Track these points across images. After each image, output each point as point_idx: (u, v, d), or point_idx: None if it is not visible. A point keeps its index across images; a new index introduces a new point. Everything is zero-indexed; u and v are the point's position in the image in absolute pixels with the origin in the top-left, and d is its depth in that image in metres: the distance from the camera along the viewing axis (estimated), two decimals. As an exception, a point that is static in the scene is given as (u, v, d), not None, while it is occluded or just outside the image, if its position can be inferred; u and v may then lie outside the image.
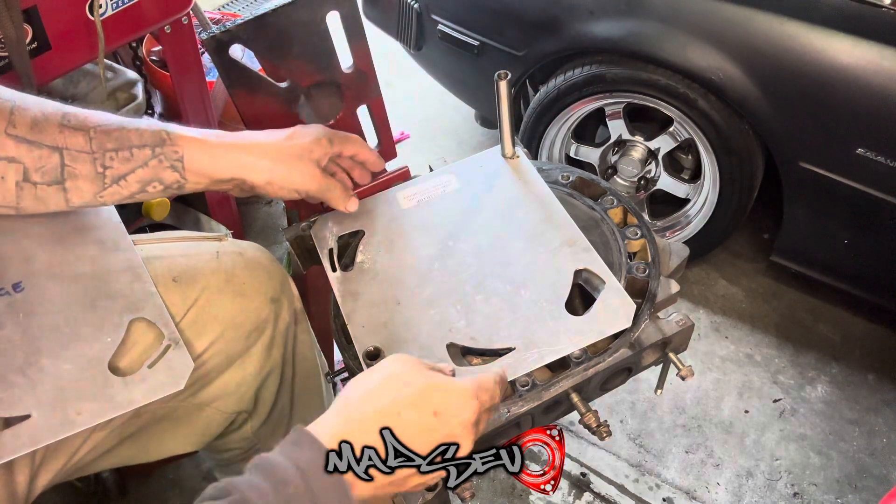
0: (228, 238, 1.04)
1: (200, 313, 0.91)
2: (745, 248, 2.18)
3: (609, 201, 0.99)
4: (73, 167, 0.73)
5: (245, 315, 0.96)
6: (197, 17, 1.70)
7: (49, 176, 0.73)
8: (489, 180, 1.01)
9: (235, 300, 0.95)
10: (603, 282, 0.85)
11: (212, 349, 0.92)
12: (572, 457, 1.68)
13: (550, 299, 0.85)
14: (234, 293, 0.95)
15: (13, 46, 1.21)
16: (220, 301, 0.93)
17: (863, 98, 1.47)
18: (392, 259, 0.92)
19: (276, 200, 2.40)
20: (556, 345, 0.80)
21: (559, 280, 0.87)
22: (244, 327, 0.96)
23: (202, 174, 0.79)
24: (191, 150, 0.78)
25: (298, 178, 0.84)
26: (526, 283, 0.87)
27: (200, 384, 0.94)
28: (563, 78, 1.84)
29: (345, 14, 0.95)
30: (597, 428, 0.79)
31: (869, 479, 1.65)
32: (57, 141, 0.72)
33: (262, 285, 0.99)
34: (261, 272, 0.99)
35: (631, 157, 1.98)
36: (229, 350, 0.95)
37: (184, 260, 0.94)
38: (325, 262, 0.93)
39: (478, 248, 0.92)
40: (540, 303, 0.84)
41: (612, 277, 0.86)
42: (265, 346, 1.00)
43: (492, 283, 0.87)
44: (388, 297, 0.87)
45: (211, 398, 0.96)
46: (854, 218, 1.64)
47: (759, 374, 1.86)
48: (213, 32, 0.89)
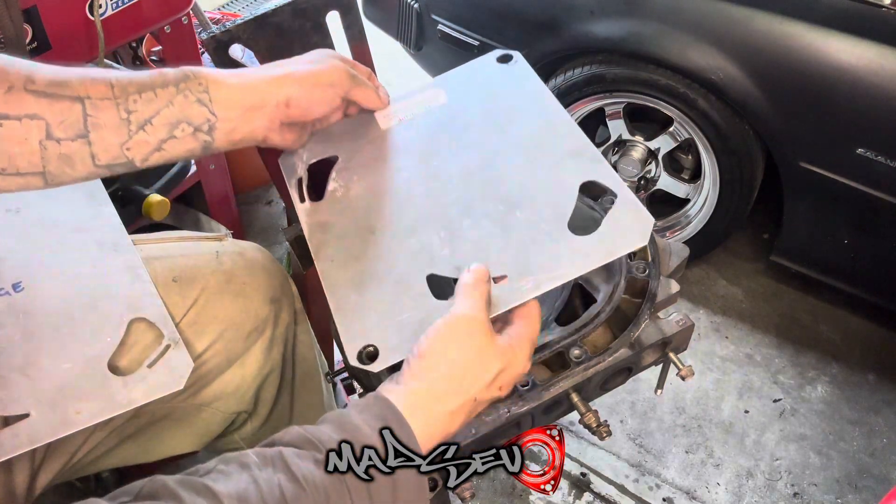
0: (228, 238, 1.04)
1: (200, 313, 0.90)
2: (745, 248, 2.18)
3: (609, 201, 0.98)
4: (95, 117, 0.69)
5: (245, 315, 0.96)
6: (197, 17, 1.71)
7: (72, 130, 0.68)
8: (482, 90, 0.90)
9: (236, 300, 0.95)
10: (614, 195, 0.77)
11: (212, 349, 0.92)
12: (572, 457, 1.68)
13: (550, 219, 0.74)
14: (235, 293, 0.95)
15: (13, 46, 1.21)
16: (220, 301, 0.93)
17: (863, 98, 1.47)
18: (367, 185, 0.82)
19: (276, 200, 2.40)
20: (555, 270, 0.71)
21: (562, 196, 0.76)
22: (244, 328, 0.96)
23: (231, 105, 0.73)
24: (216, 82, 0.73)
25: (324, 92, 0.79)
26: (522, 202, 0.76)
27: (200, 384, 0.93)
28: (563, 78, 1.84)
29: (345, 14, 0.95)
30: (597, 428, 0.79)
31: (869, 479, 1.65)
32: (78, 91, 0.68)
33: (263, 285, 0.99)
34: (261, 272, 0.99)
35: (631, 157, 1.98)
36: (229, 350, 0.95)
37: (184, 260, 0.94)
38: (293, 193, 0.83)
39: (466, 167, 0.81)
40: (538, 224, 0.74)
41: (626, 189, 0.77)
42: (265, 347, 1.00)
43: (482, 204, 0.77)
44: (362, 227, 0.78)
45: (211, 398, 0.96)
46: (854, 218, 1.64)
47: (759, 374, 1.86)
48: (213, 32, 0.89)
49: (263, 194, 2.42)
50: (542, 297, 0.89)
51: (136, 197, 1.66)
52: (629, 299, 0.88)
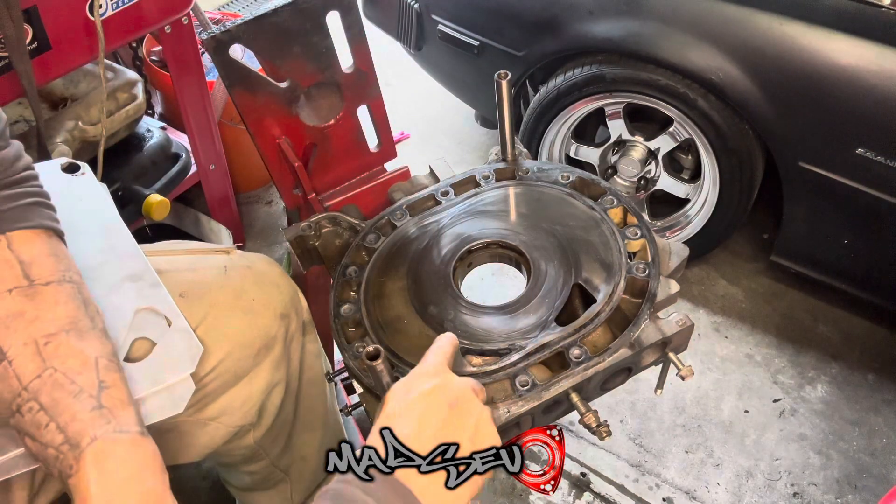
0: (236, 251, 1.02)
1: (209, 331, 0.89)
2: (745, 248, 2.18)
3: (609, 201, 0.99)
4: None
5: (254, 332, 0.94)
6: (197, 17, 1.71)
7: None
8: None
9: (244, 317, 0.93)
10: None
11: (219, 367, 0.90)
12: (572, 457, 1.68)
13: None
14: (244, 310, 0.93)
15: (13, 46, 1.21)
16: (228, 318, 0.91)
17: (863, 98, 1.47)
18: None
19: (276, 200, 2.40)
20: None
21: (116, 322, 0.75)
22: (253, 346, 0.94)
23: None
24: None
25: None
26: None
27: (206, 401, 0.92)
28: (563, 78, 1.84)
29: (345, 14, 0.95)
30: (597, 428, 0.79)
31: (869, 479, 1.65)
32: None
33: (272, 301, 0.97)
34: (270, 287, 0.98)
35: (631, 157, 1.98)
36: (237, 368, 0.93)
37: (191, 275, 0.92)
38: None
39: None
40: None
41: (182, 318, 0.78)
42: (274, 363, 0.98)
43: None
44: None
45: (216, 414, 0.95)
46: (854, 218, 1.64)
47: (759, 374, 1.86)
48: (213, 32, 0.89)
49: (263, 194, 2.42)
50: (541, 297, 0.89)
51: (136, 197, 1.66)
52: (629, 299, 0.88)
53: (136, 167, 1.76)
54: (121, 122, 1.67)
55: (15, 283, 0.66)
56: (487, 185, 1.05)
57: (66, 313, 0.67)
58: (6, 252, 0.67)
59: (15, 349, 0.64)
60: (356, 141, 1.09)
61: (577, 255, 0.92)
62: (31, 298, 0.66)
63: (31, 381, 0.63)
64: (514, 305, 0.89)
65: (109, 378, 0.66)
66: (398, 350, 0.85)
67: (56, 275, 0.68)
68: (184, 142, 1.90)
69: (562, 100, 1.87)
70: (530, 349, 0.82)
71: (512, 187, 1.04)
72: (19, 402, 0.63)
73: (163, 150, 1.83)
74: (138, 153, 1.79)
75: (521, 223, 0.99)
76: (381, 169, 1.16)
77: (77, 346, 0.66)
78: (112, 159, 1.69)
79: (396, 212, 1.02)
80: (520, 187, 1.04)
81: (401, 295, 0.92)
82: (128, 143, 1.79)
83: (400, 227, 1.00)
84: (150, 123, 1.90)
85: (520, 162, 1.07)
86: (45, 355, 0.64)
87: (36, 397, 0.63)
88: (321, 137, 1.05)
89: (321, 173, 1.08)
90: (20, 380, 0.63)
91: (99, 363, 0.66)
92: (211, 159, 1.87)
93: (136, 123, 1.77)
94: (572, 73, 1.82)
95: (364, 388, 0.86)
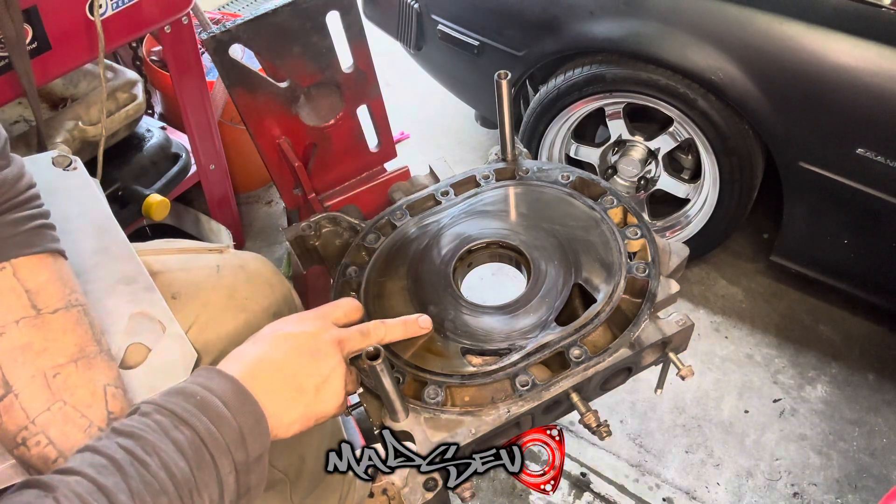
0: (230, 249, 1.02)
1: (202, 332, 0.88)
2: (745, 248, 2.18)
3: (609, 201, 0.99)
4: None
5: (248, 332, 0.94)
6: (197, 17, 1.71)
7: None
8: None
9: (238, 317, 0.93)
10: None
11: None
12: (572, 457, 1.68)
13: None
14: (237, 309, 0.93)
15: (13, 46, 1.21)
16: (222, 318, 0.91)
17: (863, 98, 1.47)
18: None
19: (276, 200, 2.40)
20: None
21: (111, 327, 0.75)
22: None
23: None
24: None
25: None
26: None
27: None
28: (563, 78, 1.84)
29: (345, 14, 0.95)
30: (597, 428, 0.79)
31: (869, 479, 1.65)
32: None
33: (266, 300, 0.97)
34: (263, 286, 0.98)
35: (631, 157, 1.98)
36: None
37: (183, 274, 0.92)
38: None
39: None
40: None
41: (175, 324, 0.78)
42: None
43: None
44: None
45: None
46: (854, 218, 1.64)
47: (759, 374, 1.86)
48: (213, 32, 0.89)
49: (263, 194, 2.42)
50: (541, 297, 0.89)
51: (136, 197, 1.66)
52: (629, 299, 0.88)
53: (135, 167, 1.76)
54: (121, 122, 1.67)
55: (22, 313, 0.66)
56: (487, 185, 1.05)
57: (74, 341, 0.68)
58: (12, 281, 0.67)
59: (22, 382, 0.65)
60: (356, 141, 1.09)
61: (577, 255, 0.92)
62: (38, 329, 0.67)
63: (40, 413, 0.65)
64: (514, 305, 0.89)
65: (117, 407, 0.68)
66: (398, 350, 0.85)
67: (63, 301, 0.69)
68: (184, 142, 1.90)
69: (562, 100, 1.87)
70: (530, 349, 0.82)
71: (512, 187, 1.04)
72: (25, 436, 0.64)
73: (163, 150, 1.83)
74: (138, 153, 1.79)
75: (521, 223, 0.99)
76: (381, 169, 1.16)
77: (86, 376, 0.67)
78: (112, 159, 1.69)
79: (396, 212, 1.02)
80: (520, 187, 1.04)
81: (401, 295, 0.92)
82: (128, 143, 1.79)
83: (400, 227, 1.00)
84: (150, 123, 1.90)
85: (520, 162, 1.07)
86: (53, 388, 0.65)
87: (44, 431, 0.64)
88: (321, 137, 1.05)
89: (321, 173, 1.08)
90: (27, 413, 0.65)
91: (107, 392, 0.68)
92: (211, 159, 1.87)
93: (135, 123, 1.77)
94: (572, 73, 1.82)
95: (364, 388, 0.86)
